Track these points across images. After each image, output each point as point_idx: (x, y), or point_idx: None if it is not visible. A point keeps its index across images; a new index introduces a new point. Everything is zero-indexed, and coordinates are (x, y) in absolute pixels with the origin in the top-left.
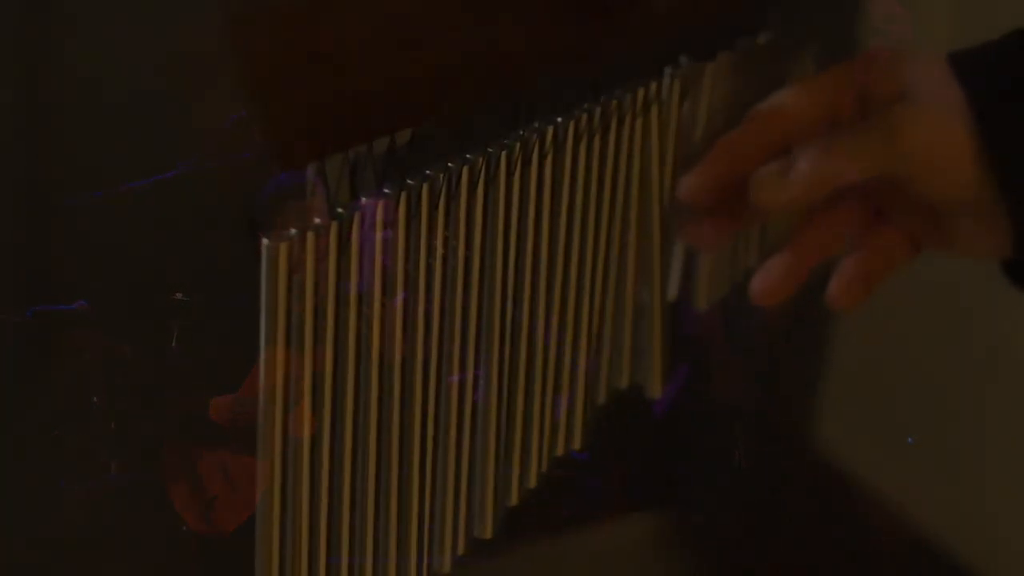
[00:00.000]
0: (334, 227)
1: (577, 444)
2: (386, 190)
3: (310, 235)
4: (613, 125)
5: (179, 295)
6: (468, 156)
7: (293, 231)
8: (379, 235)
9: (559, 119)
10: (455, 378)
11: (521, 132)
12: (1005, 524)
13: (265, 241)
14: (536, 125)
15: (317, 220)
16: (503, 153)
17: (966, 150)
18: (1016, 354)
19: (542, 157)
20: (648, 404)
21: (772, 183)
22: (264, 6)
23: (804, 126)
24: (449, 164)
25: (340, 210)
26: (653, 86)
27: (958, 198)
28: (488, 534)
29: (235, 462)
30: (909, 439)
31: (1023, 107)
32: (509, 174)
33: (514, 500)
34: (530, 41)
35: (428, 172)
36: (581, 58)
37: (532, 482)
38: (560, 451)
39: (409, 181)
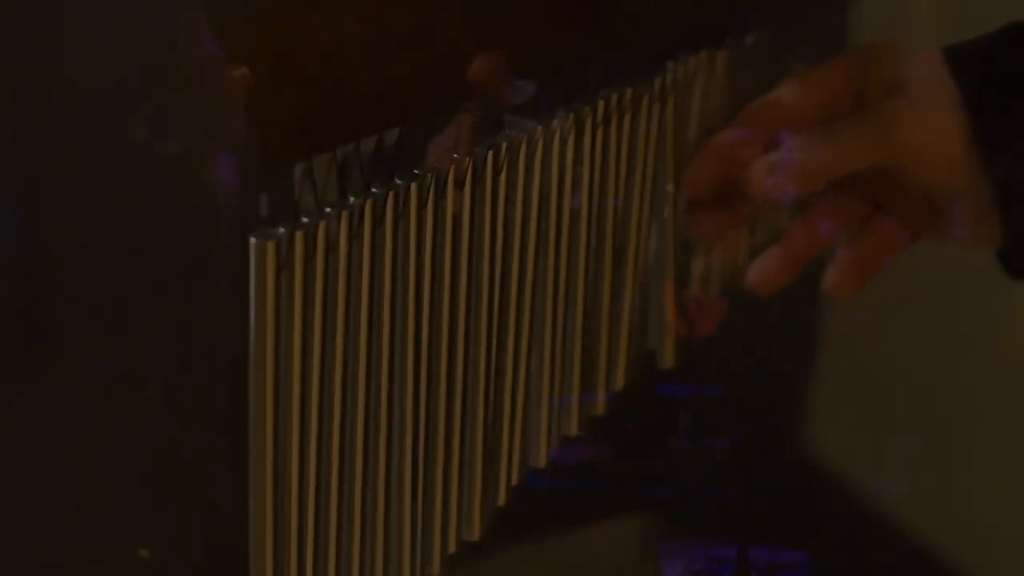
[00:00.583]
0: (322, 227)
1: (574, 431)
2: (374, 190)
3: (299, 234)
4: (600, 125)
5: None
6: (456, 156)
7: (281, 230)
8: (367, 235)
9: (551, 117)
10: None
11: (507, 132)
12: (1000, 524)
13: (253, 240)
14: (523, 125)
15: (305, 219)
16: (490, 152)
17: (958, 143)
18: (1011, 353)
19: (530, 157)
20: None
21: (767, 175)
22: (253, 6)
23: (800, 120)
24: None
25: (328, 209)
26: (648, 83)
27: (950, 189)
28: (475, 535)
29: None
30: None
31: (1015, 102)
32: (496, 173)
33: (502, 500)
34: (520, 41)
35: (416, 171)
36: (571, 58)
37: (516, 479)
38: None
39: (397, 180)
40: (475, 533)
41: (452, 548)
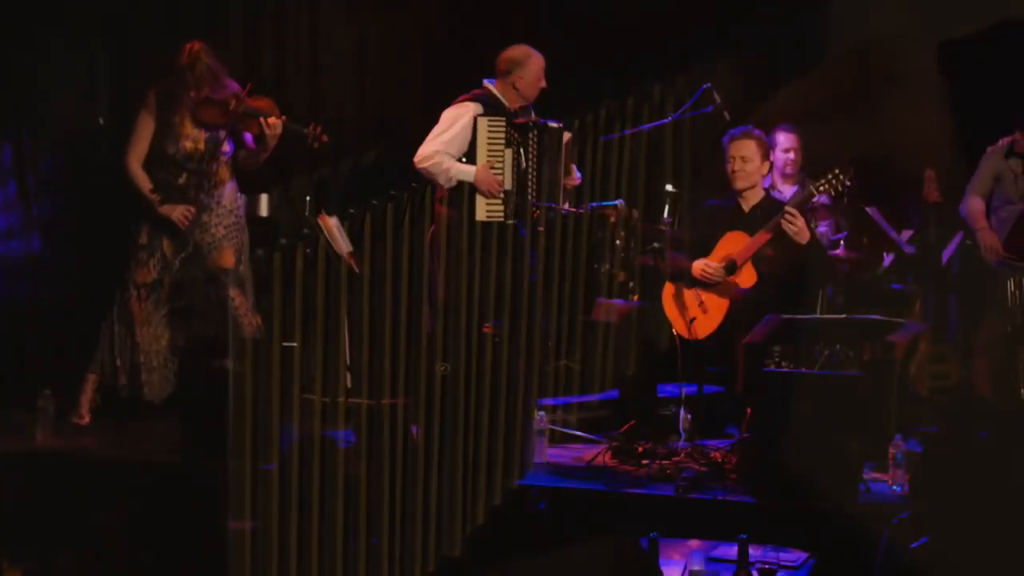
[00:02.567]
0: (300, 247)
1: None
2: (351, 210)
3: (276, 256)
4: (602, 131)
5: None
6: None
7: (260, 251)
8: (349, 253)
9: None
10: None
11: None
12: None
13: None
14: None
15: (284, 240)
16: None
17: (944, 133)
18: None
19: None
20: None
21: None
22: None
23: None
24: (413, 184)
25: (306, 230)
26: (648, 94)
27: (942, 179)
28: (456, 551)
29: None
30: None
31: (997, 94)
32: (473, 193)
33: (480, 518)
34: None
35: (392, 192)
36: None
37: (497, 498)
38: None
39: (374, 201)
40: (456, 549)
41: (432, 566)
